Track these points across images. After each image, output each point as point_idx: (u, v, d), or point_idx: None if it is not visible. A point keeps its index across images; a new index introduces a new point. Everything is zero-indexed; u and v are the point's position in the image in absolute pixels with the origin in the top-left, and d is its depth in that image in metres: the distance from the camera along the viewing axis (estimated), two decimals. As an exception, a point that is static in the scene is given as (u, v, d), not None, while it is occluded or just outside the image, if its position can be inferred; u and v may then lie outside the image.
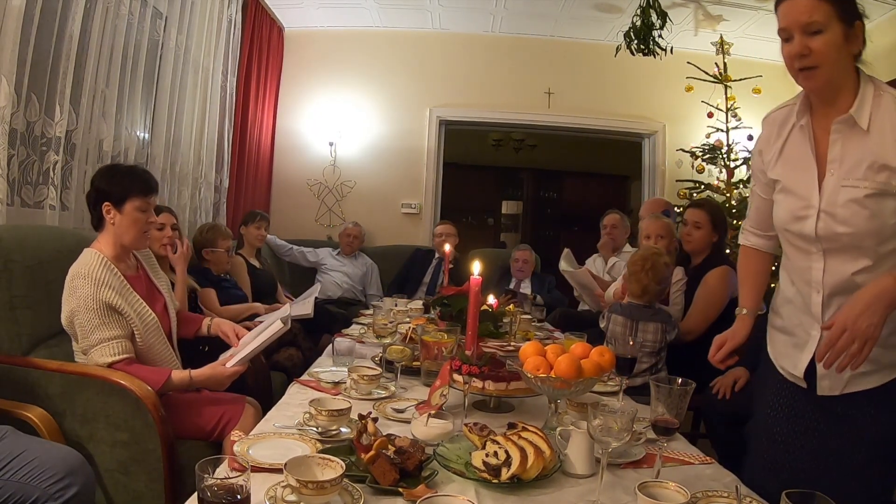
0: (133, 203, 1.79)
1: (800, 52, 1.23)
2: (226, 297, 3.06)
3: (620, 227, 3.96)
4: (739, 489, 1.09)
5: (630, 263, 2.39)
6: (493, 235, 8.60)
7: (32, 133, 2.34)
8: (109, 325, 1.74)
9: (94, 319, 1.71)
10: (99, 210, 1.80)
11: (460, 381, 1.46)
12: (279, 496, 0.97)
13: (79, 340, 1.77)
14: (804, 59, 1.24)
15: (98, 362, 1.73)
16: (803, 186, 1.31)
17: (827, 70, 1.24)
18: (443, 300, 2.41)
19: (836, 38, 1.22)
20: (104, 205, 1.79)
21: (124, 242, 1.82)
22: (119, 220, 1.79)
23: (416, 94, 5.13)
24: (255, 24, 4.39)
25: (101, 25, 2.61)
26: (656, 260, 2.30)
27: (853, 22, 1.24)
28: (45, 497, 1.36)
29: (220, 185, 4.16)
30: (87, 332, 1.73)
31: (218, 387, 1.82)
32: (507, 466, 1.09)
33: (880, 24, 4.21)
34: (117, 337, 1.74)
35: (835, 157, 1.27)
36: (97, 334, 1.72)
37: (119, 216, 1.79)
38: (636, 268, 2.33)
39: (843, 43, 1.23)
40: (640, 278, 2.30)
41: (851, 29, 1.24)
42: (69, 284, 1.76)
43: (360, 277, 4.55)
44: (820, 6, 1.21)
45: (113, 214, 1.79)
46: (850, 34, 1.24)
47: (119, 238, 1.81)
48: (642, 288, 2.30)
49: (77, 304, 1.72)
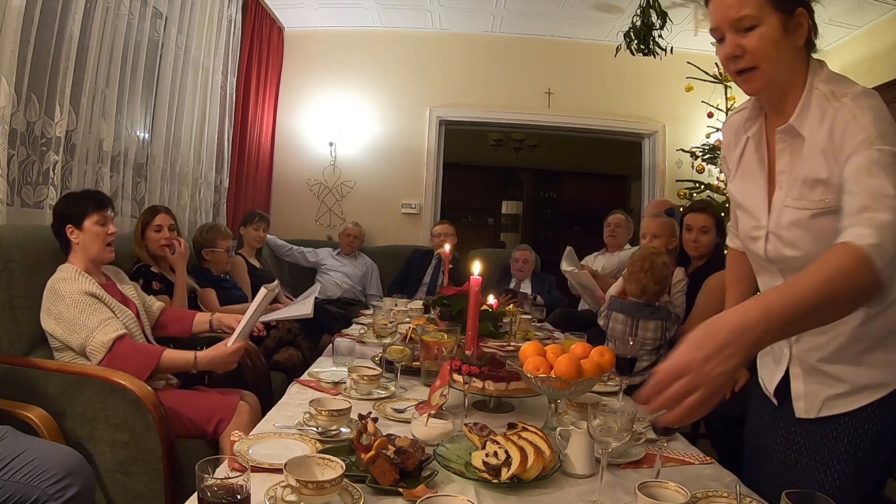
0: (91, 219, 1.91)
1: (733, 53, 1.09)
2: (226, 297, 3.06)
3: (623, 227, 3.99)
4: (739, 489, 1.09)
5: (629, 263, 2.40)
6: (493, 235, 8.59)
7: (32, 133, 2.34)
8: (101, 310, 1.84)
9: (86, 308, 1.80)
10: (64, 234, 1.92)
11: (460, 381, 1.46)
12: (279, 496, 0.97)
13: (73, 337, 1.78)
14: (739, 61, 1.09)
15: (104, 341, 1.78)
16: (754, 204, 1.20)
17: (767, 70, 1.09)
18: (443, 300, 2.40)
19: (772, 31, 1.06)
20: (67, 227, 1.91)
21: (91, 256, 1.93)
22: (82, 238, 1.91)
23: (416, 94, 5.13)
24: (255, 24, 4.39)
25: (101, 25, 2.61)
26: (655, 260, 2.30)
27: (793, 10, 1.07)
28: (45, 497, 1.36)
29: (220, 185, 4.16)
30: (82, 322, 1.78)
31: (223, 367, 1.90)
32: (507, 466, 1.09)
33: (880, 24, 4.20)
34: (111, 317, 1.85)
35: (782, 170, 1.14)
36: (94, 318, 1.80)
37: (81, 234, 1.91)
38: (635, 268, 2.33)
39: (781, 36, 1.07)
40: (639, 278, 2.31)
41: (792, 18, 1.07)
42: (51, 291, 1.83)
43: (360, 277, 4.55)
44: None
45: (76, 234, 1.91)
46: (790, 24, 1.07)
47: (86, 253, 1.92)
48: (641, 288, 2.31)
49: (64, 304, 1.79)
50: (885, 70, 3.94)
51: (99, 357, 1.78)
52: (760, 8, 1.06)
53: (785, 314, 0.84)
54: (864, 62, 4.30)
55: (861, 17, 4.19)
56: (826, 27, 4.39)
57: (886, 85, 3.77)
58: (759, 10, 1.06)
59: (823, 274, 0.87)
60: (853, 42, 4.45)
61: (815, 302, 0.85)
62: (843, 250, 0.89)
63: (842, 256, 0.88)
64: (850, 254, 0.88)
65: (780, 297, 0.86)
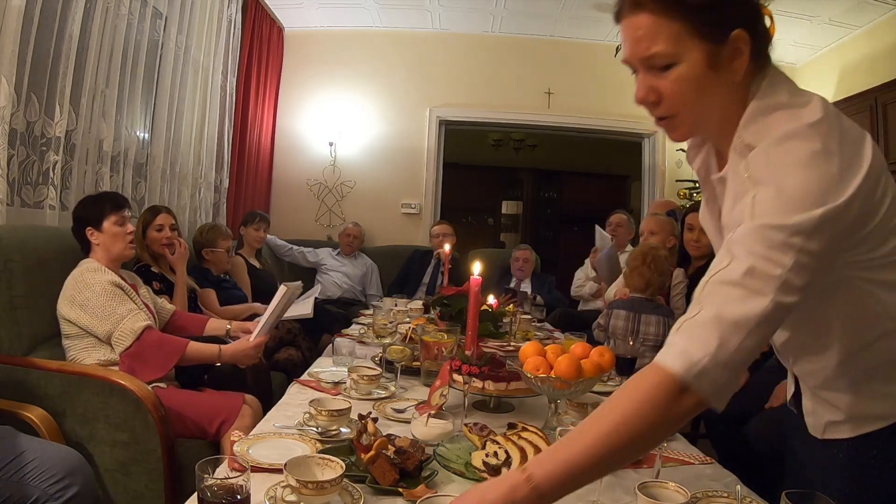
0: (109, 220, 1.98)
1: (645, 98, 0.87)
2: (226, 298, 3.06)
3: (625, 227, 3.99)
4: (739, 489, 1.09)
5: (630, 259, 2.41)
6: (493, 235, 8.60)
7: (32, 133, 2.34)
8: (127, 300, 1.92)
9: (115, 297, 1.87)
10: (84, 236, 1.98)
11: (460, 381, 1.46)
12: (279, 496, 0.97)
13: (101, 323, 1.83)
14: (655, 108, 0.88)
15: (135, 329, 1.84)
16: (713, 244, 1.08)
17: (688, 119, 0.88)
18: (443, 300, 2.40)
19: (694, 69, 0.83)
20: (87, 230, 1.97)
21: (113, 255, 1.99)
22: (102, 239, 1.97)
23: (416, 94, 5.13)
24: (255, 24, 4.39)
25: (101, 25, 2.61)
26: (655, 253, 2.34)
27: (725, 35, 0.82)
28: (45, 497, 1.36)
29: (220, 186, 4.16)
30: (112, 309, 1.85)
31: (246, 361, 1.99)
32: (507, 466, 1.09)
33: (880, 24, 4.20)
34: (138, 309, 1.92)
35: (724, 214, 0.98)
36: (123, 307, 1.87)
37: (101, 235, 1.97)
38: (637, 262, 2.35)
39: (707, 73, 0.83)
40: (643, 272, 2.32)
41: (724, 46, 0.82)
42: (77, 280, 1.88)
43: (359, 277, 4.55)
44: (663, 27, 0.82)
45: (96, 236, 1.97)
46: (721, 55, 0.83)
47: (108, 253, 1.98)
48: (646, 281, 2.32)
49: (92, 292, 1.85)
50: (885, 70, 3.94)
51: (126, 344, 1.83)
52: (678, 41, 0.82)
53: (554, 485, 0.75)
54: (864, 62, 4.30)
55: (861, 17, 4.19)
56: (826, 27, 4.39)
57: (886, 85, 3.78)
58: (676, 45, 0.82)
59: (600, 431, 0.75)
60: (853, 42, 4.44)
61: (592, 462, 0.75)
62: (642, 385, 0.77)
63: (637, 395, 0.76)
64: (647, 389, 0.76)
65: (543, 469, 0.76)
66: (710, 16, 0.82)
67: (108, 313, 1.84)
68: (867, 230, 0.81)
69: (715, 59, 0.83)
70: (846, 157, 0.77)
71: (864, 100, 3.96)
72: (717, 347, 0.74)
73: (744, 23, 0.83)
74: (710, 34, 0.82)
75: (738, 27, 0.82)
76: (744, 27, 0.82)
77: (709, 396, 0.75)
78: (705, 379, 0.74)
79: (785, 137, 0.79)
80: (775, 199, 0.77)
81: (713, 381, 0.74)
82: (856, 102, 4.06)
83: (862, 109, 3.99)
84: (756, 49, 0.85)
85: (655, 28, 0.83)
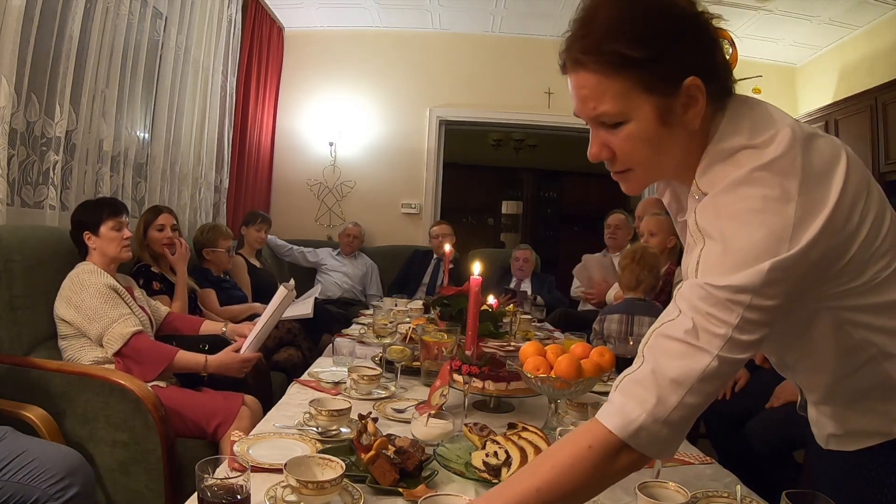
0: (107, 225, 2.02)
1: (598, 155, 0.84)
2: (226, 298, 3.06)
3: (624, 228, 3.97)
4: (740, 489, 1.09)
5: (621, 259, 2.44)
6: (493, 235, 8.59)
7: (32, 133, 2.34)
8: (121, 305, 1.94)
9: (109, 300, 1.90)
10: (81, 240, 2.02)
11: (460, 381, 1.46)
12: (279, 496, 0.97)
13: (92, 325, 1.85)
14: (610, 164, 0.85)
15: (123, 333, 1.86)
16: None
17: (643, 173, 0.85)
18: (443, 300, 2.40)
19: (645, 126, 0.78)
20: (84, 234, 2.02)
21: (110, 257, 2.03)
22: (99, 244, 2.01)
23: (416, 94, 5.13)
24: (255, 24, 4.39)
25: (101, 25, 2.61)
26: (644, 251, 2.36)
27: (676, 86, 0.76)
28: (45, 497, 1.36)
29: (220, 186, 4.16)
30: (104, 312, 1.87)
31: (233, 374, 1.98)
32: (507, 466, 1.09)
33: (880, 24, 4.20)
34: (130, 314, 1.95)
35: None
36: (115, 311, 1.89)
37: (98, 240, 2.01)
38: (626, 261, 2.37)
39: (659, 128, 0.78)
40: (633, 269, 2.34)
41: (676, 96, 0.77)
42: (74, 281, 1.90)
43: (360, 277, 4.55)
44: (608, 85, 0.77)
45: (93, 240, 2.01)
46: (674, 106, 0.77)
47: (104, 256, 2.02)
48: (636, 278, 2.33)
49: (87, 293, 1.87)
50: (885, 70, 3.94)
51: (115, 347, 1.86)
52: (625, 98, 0.77)
53: None
54: (863, 62, 4.30)
55: (861, 17, 4.18)
56: (826, 27, 4.39)
57: (886, 85, 3.77)
58: (623, 103, 0.77)
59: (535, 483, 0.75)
60: (853, 42, 4.44)
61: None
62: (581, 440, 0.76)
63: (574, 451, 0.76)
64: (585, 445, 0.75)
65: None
66: (656, 68, 0.75)
67: (99, 315, 1.86)
68: (842, 264, 0.75)
69: (667, 112, 0.77)
70: (807, 198, 0.71)
71: (864, 100, 3.96)
72: (654, 405, 0.72)
73: (696, 69, 0.76)
74: (660, 88, 0.76)
75: (690, 75, 0.76)
76: (696, 73, 0.76)
77: (649, 452, 0.74)
78: (642, 436, 0.73)
79: (735, 184, 0.73)
80: (721, 255, 0.72)
81: (653, 437, 0.73)
82: (856, 102, 4.06)
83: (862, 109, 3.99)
84: (714, 90, 0.79)
85: (600, 87, 0.77)
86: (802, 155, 0.73)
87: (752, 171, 0.72)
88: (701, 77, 0.76)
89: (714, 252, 0.73)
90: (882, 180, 3.84)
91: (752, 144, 0.75)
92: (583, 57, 0.77)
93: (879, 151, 3.85)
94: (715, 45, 0.81)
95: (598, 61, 0.76)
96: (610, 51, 0.75)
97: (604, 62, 0.76)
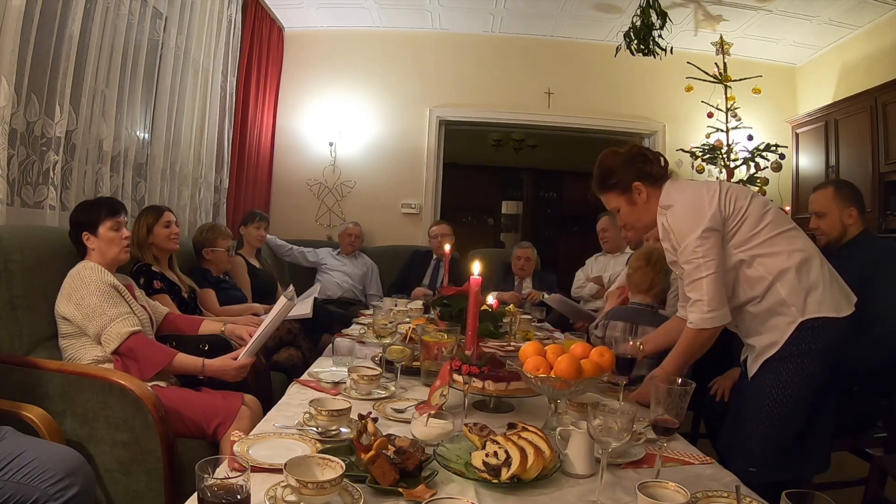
0: (105, 225, 2.01)
1: (620, 223, 1.85)
2: (225, 298, 3.06)
3: (611, 228, 3.94)
4: (739, 489, 1.09)
5: (633, 260, 2.40)
6: (493, 235, 8.60)
7: (32, 133, 2.34)
8: (121, 303, 1.94)
9: (109, 298, 1.90)
10: (80, 240, 2.01)
11: (460, 381, 1.46)
12: (279, 496, 0.97)
13: (92, 323, 1.85)
14: (624, 229, 1.87)
15: (121, 332, 1.85)
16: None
17: (632, 232, 1.84)
18: (443, 300, 2.40)
19: (624, 208, 1.76)
20: (83, 234, 2.00)
21: (109, 259, 2.01)
22: (98, 244, 2.00)
23: (416, 94, 5.13)
24: (255, 24, 4.39)
25: (101, 25, 2.61)
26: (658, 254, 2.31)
27: (628, 189, 1.72)
28: (45, 497, 1.36)
29: (220, 185, 4.16)
30: (104, 310, 1.86)
31: (228, 378, 1.97)
32: (507, 466, 1.09)
33: (880, 24, 4.21)
34: (130, 313, 1.94)
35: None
36: (115, 309, 1.89)
37: (97, 240, 2.00)
38: (640, 263, 2.32)
39: (631, 207, 1.75)
40: (646, 272, 2.30)
41: (631, 193, 1.73)
42: (75, 278, 1.90)
43: (360, 277, 4.55)
44: (609, 197, 1.78)
45: (92, 240, 2.00)
46: (633, 197, 1.73)
47: (104, 256, 2.01)
48: (650, 281, 2.29)
49: (88, 290, 1.87)
50: (885, 70, 3.95)
51: (113, 346, 1.85)
52: (616, 199, 1.77)
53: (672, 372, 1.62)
54: (863, 62, 4.30)
55: (861, 17, 4.19)
56: (826, 27, 4.40)
57: (886, 85, 3.78)
58: (615, 201, 1.78)
59: (680, 352, 1.68)
60: (853, 42, 4.45)
61: (684, 362, 1.69)
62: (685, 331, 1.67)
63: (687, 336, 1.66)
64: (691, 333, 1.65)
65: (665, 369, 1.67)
66: (620, 185, 1.75)
67: (99, 313, 1.86)
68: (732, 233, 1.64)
69: (630, 200, 1.76)
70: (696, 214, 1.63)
71: (864, 100, 3.96)
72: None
73: (638, 178, 1.73)
74: (623, 191, 1.76)
75: (634, 181, 1.73)
76: (638, 179, 1.73)
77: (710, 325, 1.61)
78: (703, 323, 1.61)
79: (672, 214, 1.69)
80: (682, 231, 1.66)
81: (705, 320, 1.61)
82: (856, 102, 4.06)
83: (862, 109, 3.99)
84: (651, 183, 1.73)
85: (607, 198, 1.81)
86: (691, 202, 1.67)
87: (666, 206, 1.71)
88: (640, 181, 1.73)
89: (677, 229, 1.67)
90: (882, 180, 3.85)
91: (670, 203, 1.70)
92: (597, 189, 1.83)
93: (879, 151, 3.85)
94: (646, 161, 1.74)
95: (601, 190, 1.81)
96: (602, 186, 1.80)
97: (603, 189, 1.81)
